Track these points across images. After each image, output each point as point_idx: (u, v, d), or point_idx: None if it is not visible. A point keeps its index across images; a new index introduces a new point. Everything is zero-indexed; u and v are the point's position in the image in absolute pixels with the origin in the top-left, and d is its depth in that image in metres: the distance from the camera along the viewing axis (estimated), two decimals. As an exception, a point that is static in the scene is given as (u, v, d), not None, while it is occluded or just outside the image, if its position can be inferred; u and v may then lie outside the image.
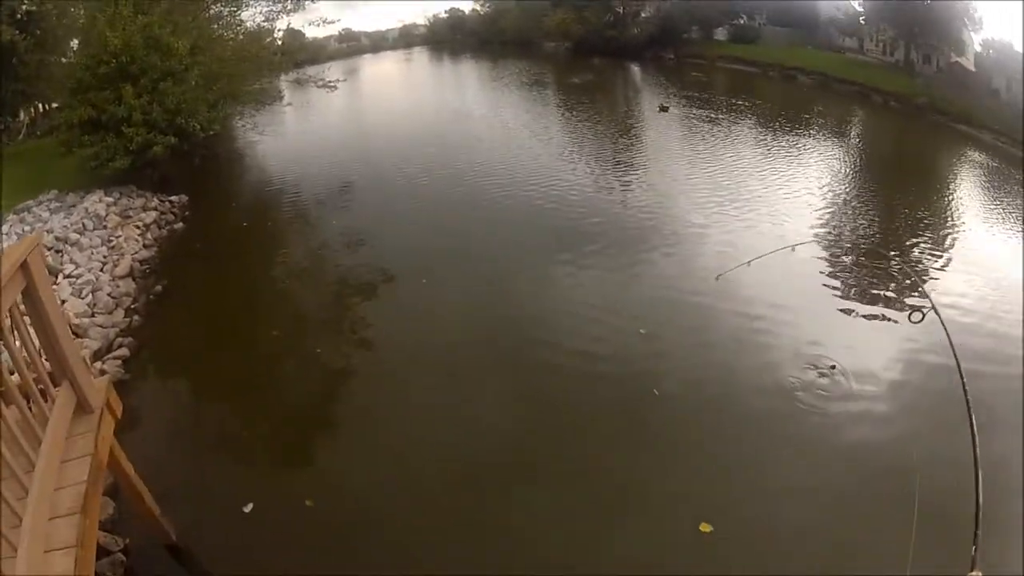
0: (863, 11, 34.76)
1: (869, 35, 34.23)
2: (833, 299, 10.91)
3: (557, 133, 23.93)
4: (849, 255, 12.68)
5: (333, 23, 27.56)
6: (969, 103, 24.93)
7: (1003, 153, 20.96)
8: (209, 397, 9.63)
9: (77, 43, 22.07)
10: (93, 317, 10.83)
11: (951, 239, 13.64)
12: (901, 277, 11.36)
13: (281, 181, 20.81)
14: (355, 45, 58.43)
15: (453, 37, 67.30)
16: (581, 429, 8.02)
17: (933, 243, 13.30)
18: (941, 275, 11.88)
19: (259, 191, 20.15)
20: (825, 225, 14.28)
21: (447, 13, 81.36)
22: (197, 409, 9.29)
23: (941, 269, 12.13)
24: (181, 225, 16.50)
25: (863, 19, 34.60)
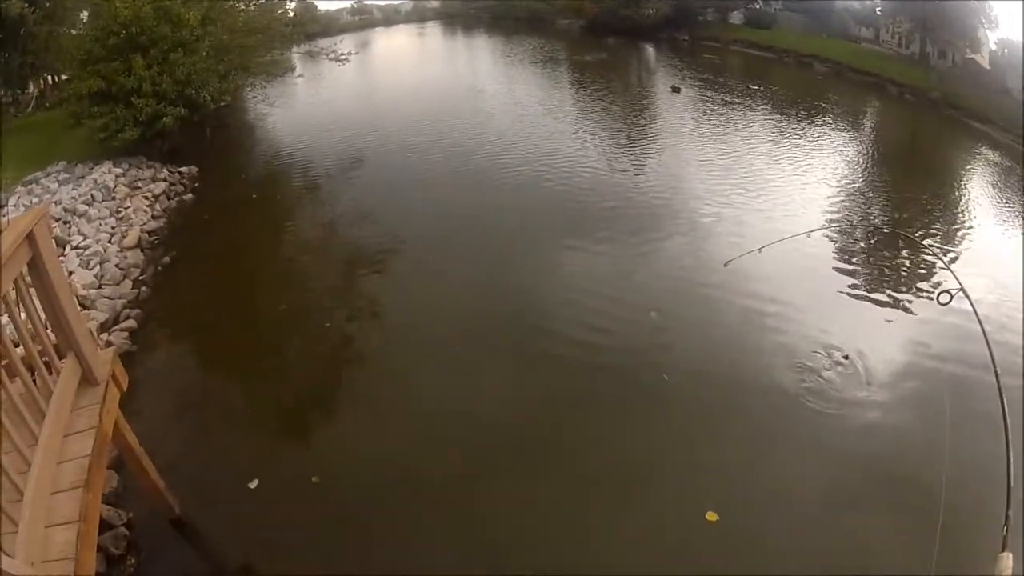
0: (879, 2, 34.45)
1: (885, 26, 33.82)
2: (849, 288, 10.77)
3: (571, 111, 23.63)
4: (865, 241, 12.53)
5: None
6: (982, 100, 24.65)
7: (1015, 152, 20.61)
8: (216, 370, 9.63)
9: (86, 14, 21.85)
10: (100, 288, 10.81)
11: (961, 235, 13.42)
12: (927, 256, 11.22)
13: (292, 153, 20.66)
14: (368, 18, 57.84)
15: (466, 12, 66.69)
16: (588, 412, 7.98)
17: (944, 238, 13.11)
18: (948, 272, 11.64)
19: (269, 163, 20.03)
20: (840, 215, 14.09)
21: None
22: (204, 382, 9.30)
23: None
24: (190, 196, 16.43)
25: (879, 10, 34.29)
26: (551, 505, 6.57)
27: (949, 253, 12.30)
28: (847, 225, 13.46)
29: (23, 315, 4.12)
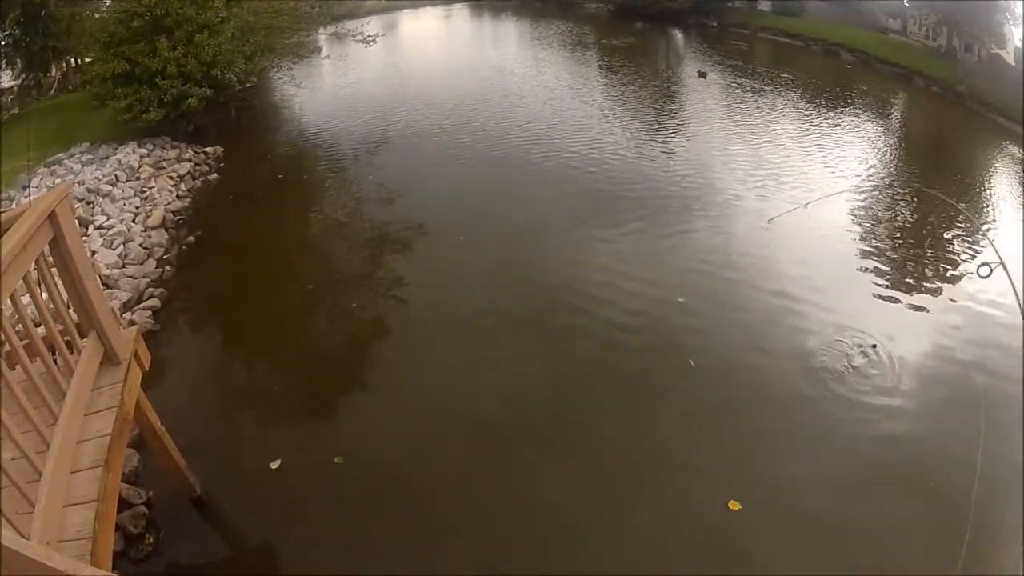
0: (907, -7, 33.90)
1: (912, 18, 33.22)
2: (877, 281, 10.59)
3: (599, 96, 23.32)
4: (893, 237, 12.28)
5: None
6: (1008, 96, 24.07)
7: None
8: (239, 349, 9.68)
9: (109, -3, 21.98)
10: (124, 268, 10.89)
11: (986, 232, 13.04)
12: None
13: (318, 135, 20.61)
14: (394, 1, 57.62)
15: (495, -6, 66.19)
16: (612, 395, 7.98)
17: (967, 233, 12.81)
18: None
19: (295, 144, 19.99)
20: (869, 208, 13.77)
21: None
22: (227, 361, 9.36)
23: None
24: (215, 176, 16.48)
25: (907, 1, 33.75)
26: (578, 488, 6.58)
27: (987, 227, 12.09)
28: (874, 220, 13.15)
29: (44, 295, 4.11)
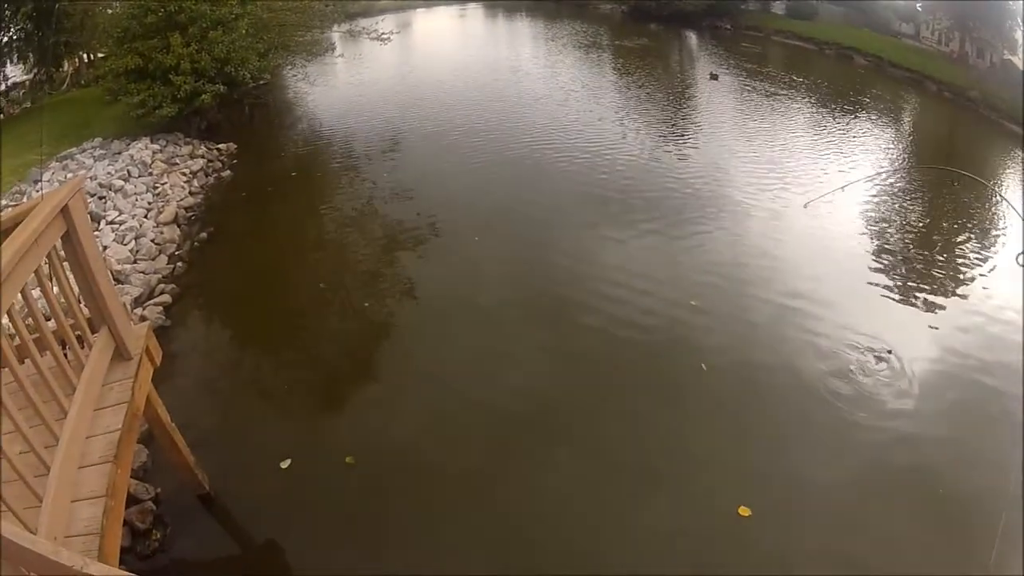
0: (919, -2, 33.85)
1: (925, 23, 33.15)
2: (891, 284, 10.59)
3: (615, 97, 23.23)
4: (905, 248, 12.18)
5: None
6: (1020, 102, 23.92)
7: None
8: (251, 346, 9.67)
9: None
10: (135, 263, 10.91)
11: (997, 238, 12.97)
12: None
13: (331, 132, 20.59)
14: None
15: (508, -6, 66.14)
16: (623, 396, 7.94)
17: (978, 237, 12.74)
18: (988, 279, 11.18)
19: (309, 141, 19.96)
20: (886, 216, 13.62)
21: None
22: (238, 358, 9.35)
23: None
24: (228, 173, 16.48)
25: (919, 6, 33.69)
26: (585, 487, 6.58)
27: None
28: (890, 227, 13.05)
29: (55, 289, 4.10)
